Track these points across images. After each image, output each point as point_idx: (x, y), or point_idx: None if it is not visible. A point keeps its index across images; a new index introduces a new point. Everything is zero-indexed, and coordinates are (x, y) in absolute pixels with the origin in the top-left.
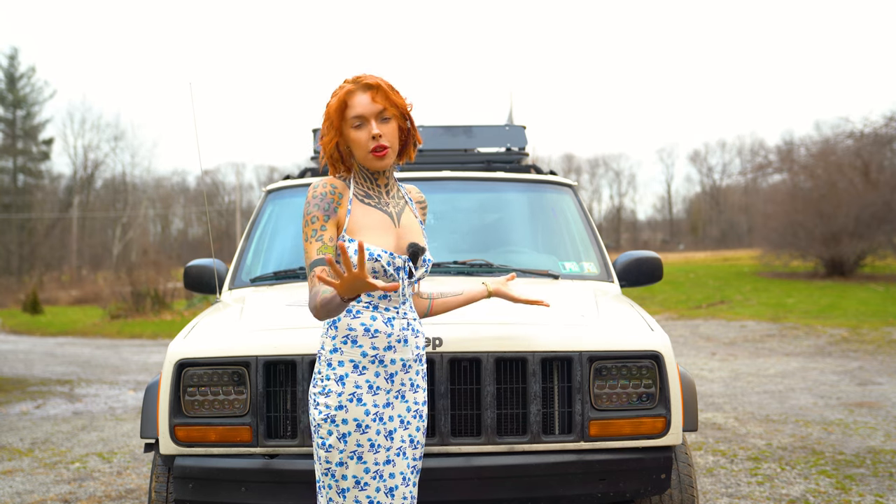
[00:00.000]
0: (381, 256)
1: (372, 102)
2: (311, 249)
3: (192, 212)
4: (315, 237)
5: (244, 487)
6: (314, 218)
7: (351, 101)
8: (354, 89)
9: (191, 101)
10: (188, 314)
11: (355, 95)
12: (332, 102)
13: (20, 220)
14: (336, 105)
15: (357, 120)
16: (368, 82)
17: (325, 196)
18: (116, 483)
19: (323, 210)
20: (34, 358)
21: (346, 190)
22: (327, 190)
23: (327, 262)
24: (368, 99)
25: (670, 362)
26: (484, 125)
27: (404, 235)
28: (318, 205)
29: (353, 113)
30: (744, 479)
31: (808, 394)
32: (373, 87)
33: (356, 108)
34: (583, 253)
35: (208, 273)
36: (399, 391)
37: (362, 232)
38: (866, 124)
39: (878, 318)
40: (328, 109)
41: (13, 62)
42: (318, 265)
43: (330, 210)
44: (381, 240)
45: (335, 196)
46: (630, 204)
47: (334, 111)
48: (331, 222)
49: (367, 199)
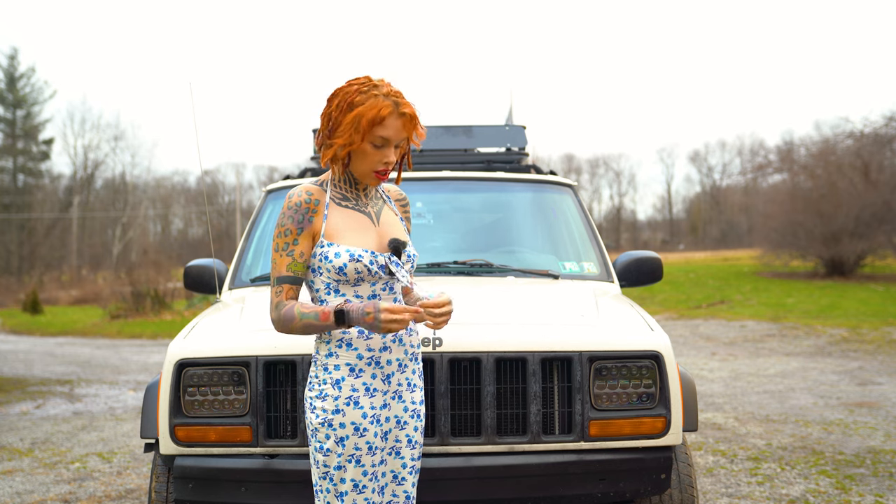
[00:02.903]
0: (363, 256)
1: (402, 130)
2: (280, 263)
3: (192, 212)
4: (286, 251)
5: (244, 487)
6: (287, 231)
7: (387, 121)
8: (393, 111)
9: (191, 101)
10: (188, 314)
11: (391, 118)
12: (367, 112)
13: (20, 220)
14: (372, 118)
15: (381, 140)
16: (407, 111)
17: (299, 206)
18: (116, 483)
19: (296, 222)
20: (34, 358)
21: (322, 195)
22: (303, 199)
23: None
24: (401, 126)
25: (670, 362)
26: (484, 125)
27: (385, 233)
28: (293, 217)
29: (383, 133)
30: (744, 479)
31: (808, 394)
32: (408, 117)
33: (388, 130)
34: (583, 253)
35: (208, 273)
36: (396, 391)
37: (341, 235)
38: (866, 124)
39: (878, 318)
40: (358, 115)
41: (13, 62)
42: (285, 282)
43: (304, 222)
44: (362, 240)
45: (311, 205)
46: (630, 204)
47: (367, 122)
48: (304, 235)
49: (345, 202)
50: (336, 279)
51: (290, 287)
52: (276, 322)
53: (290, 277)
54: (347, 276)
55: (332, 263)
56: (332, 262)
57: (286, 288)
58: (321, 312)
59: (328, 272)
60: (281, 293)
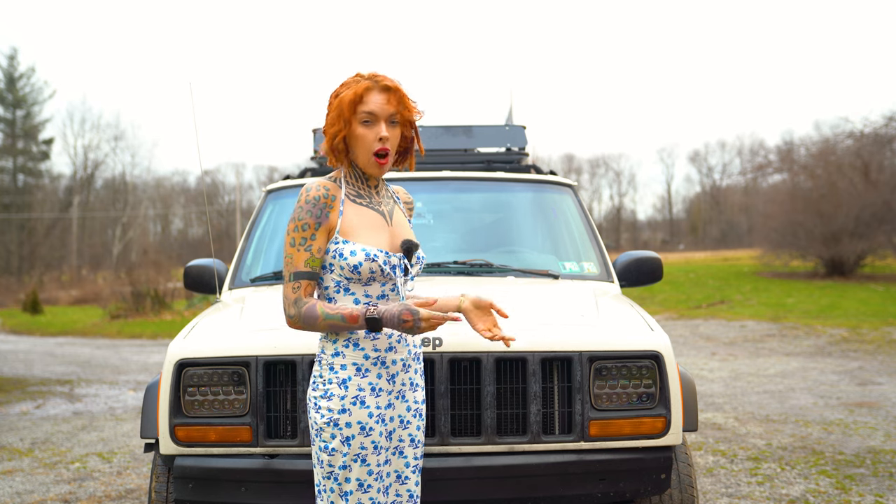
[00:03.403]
0: (378, 256)
1: (386, 104)
2: (298, 258)
3: (192, 212)
4: (304, 246)
5: (244, 487)
6: (305, 225)
7: (367, 97)
8: (372, 87)
9: (191, 101)
10: (188, 314)
11: (372, 93)
12: (346, 94)
13: (20, 220)
14: (351, 97)
15: (367, 116)
16: (387, 84)
17: (317, 200)
18: (116, 483)
19: (315, 217)
20: (34, 358)
21: (338, 191)
22: (321, 193)
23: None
24: (384, 100)
25: (670, 362)
26: (484, 125)
27: (397, 234)
28: (311, 211)
29: (366, 109)
30: (744, 479)
31: (808, 394)
32: (390, 90)
33: (370, 105)
34: (583, 253)
35: (208, 273)
36: (400, 391)
37: (356, 232)
38: (866, 124)
39: (878, 318)
40: (340, 100)
41: (13, 62)
42: (303, 278)
43: (322, 216)
44: (376, 239)
45: (328, 200)
46: (630, 204)
47: (348, 103)
48: (321, 230)
49: (359, 199)
50: (348, 277)
51: (309, 283)
52: (296, 318)
53: (308, 273)
54: (361, 274)
55: (348, 261)
56: (348, 260)
57: (304, 284)
58: (348, 315)
59: (341, 269)
60: (299, 289)
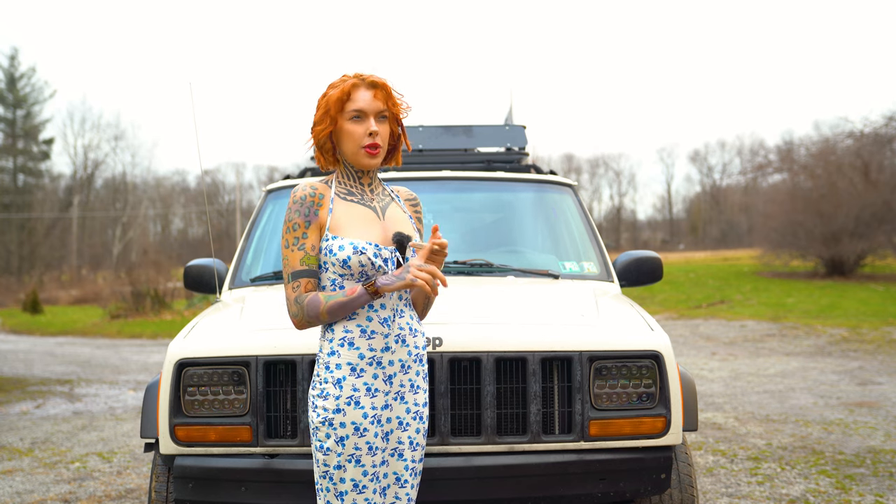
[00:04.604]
0: (367, 249)
1: (374, 100)
2: (293, 258)
3: (192, 212)
4: (297, 245)
5: (244, 487)
6: (295, 225)
7: (354, 94)
8: (359, 84)
9: (191, 101)
10: (188, 314)
11: (359, 90)
12: (332, 93)
13: (20, 220)
14: (338, 96)
15: (356, 113)
16: (373, 80)
17: (304, 200)
18: (116, 483)
19: (303, 216)
20: (34, 358)
21: (327, 190)
22: (307, 193)
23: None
24: (371, 96)
25: (670, 362)
26: (484, 125)
27: (391, 228)
28: (299, 210)
29: (354, 106)
30: (744, 478)
31: (808, 394)
32: (377, 86)
33: (358, 102)
34: (583, 253)
35: (208, 273)
36: (398, 392)
37: (345, 227)
38: (866, 124)
39: (878, 318)
40: (327, 99)
41: (13, 62)
42: (301, 276)
43: (311, 215)
44: (366, 233)
45: (315, 198)
46: (630, 204)
47: (335, 101)
48: (312, 228)
49: (350, 196)
50: (341, 273)
51: (308, 280)
52: (299, 314)
53: (305, 271)
54: (351, 268)
55: (336, 256)
56: (337, 255)
57: (304, 282)
58: (348, 290)
59: (333, 266)
60: (299, 287)
